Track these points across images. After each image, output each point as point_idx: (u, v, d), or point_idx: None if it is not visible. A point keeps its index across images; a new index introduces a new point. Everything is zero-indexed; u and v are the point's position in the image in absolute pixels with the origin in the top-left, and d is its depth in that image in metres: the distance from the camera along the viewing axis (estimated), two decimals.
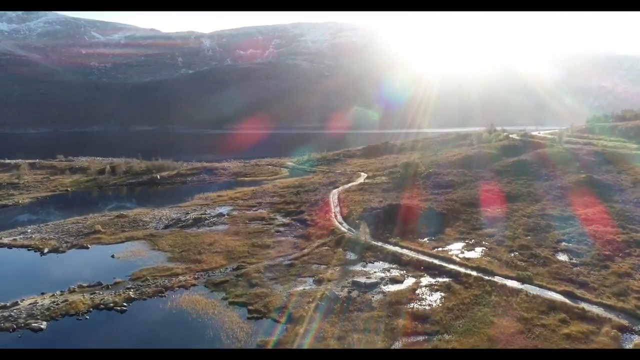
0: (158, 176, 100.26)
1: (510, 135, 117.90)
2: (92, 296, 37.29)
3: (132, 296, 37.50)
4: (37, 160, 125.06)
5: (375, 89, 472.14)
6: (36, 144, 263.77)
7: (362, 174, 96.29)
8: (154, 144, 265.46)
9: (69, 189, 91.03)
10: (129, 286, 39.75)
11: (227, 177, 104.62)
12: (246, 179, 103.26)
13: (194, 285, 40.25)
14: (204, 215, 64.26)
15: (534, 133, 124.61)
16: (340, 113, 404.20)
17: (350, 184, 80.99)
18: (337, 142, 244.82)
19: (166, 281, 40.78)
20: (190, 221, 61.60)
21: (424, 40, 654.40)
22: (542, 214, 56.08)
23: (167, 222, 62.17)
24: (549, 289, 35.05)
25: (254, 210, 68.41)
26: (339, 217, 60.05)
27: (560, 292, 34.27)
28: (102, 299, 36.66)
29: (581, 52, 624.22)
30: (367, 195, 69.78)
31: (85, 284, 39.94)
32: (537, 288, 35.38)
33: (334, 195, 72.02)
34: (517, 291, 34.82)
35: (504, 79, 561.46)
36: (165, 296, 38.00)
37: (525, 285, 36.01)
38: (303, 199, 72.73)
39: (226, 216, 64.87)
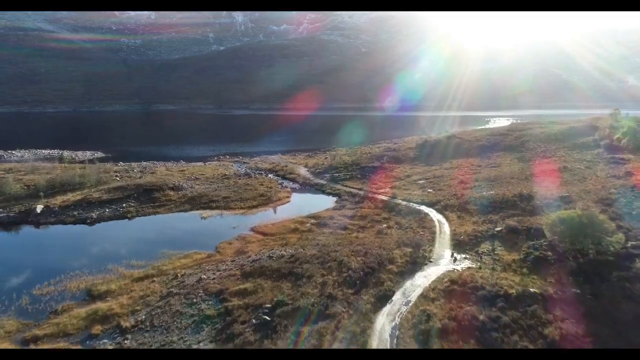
0: (38, 209, 48.76)
1: None
2: None
3: None
4: None
5: (415, 64, 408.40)
6: (37, 126, 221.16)
7: (433, 213, 41.11)
8: (167, 127, 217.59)
9: None
10: None
11: (174, 208, 51.69)
12: (206, 214, 49.88)
13: None
14: None
15: None
16: (379, 93, 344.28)
17: (420, 277, 25.97)
18: (375, 128, 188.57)
19: None
20: None
21: (467, 14, 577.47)
22: None
23: None
24: None
25: None
26: None
27: None
28: None
29: None
30: None
31: None
32: None
33: None
34: None
35: (553, 56, 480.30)
36: None
37: None
38: None
39: None
